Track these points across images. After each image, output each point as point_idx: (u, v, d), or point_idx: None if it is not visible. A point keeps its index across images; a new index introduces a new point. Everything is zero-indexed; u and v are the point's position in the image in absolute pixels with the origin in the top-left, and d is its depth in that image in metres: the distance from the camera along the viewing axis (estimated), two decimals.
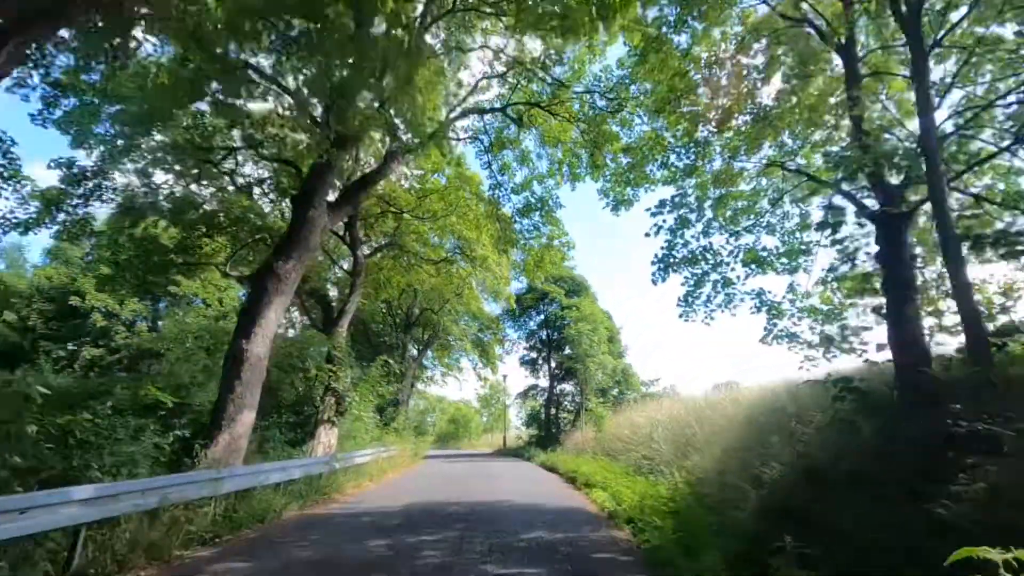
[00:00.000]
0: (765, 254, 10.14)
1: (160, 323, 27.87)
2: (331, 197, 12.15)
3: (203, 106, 11.80)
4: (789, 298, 9.73)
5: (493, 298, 26.48)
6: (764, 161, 10.02)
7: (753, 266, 10.06)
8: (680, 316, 10.53)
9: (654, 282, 10.39)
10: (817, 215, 10.26)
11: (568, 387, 32.95)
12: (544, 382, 35.37)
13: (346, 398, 15.48)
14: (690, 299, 10.23)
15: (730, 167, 10.23)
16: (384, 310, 29.88)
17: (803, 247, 10.06)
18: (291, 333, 22.50)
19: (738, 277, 10.03)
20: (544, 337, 34.66)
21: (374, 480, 13.89)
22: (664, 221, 10.10)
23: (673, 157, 11.18)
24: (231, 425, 8.98)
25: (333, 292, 32.21)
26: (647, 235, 10.13)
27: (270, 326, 9.86)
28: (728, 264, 10.05)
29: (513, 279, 24.33)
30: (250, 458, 11.06)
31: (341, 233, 20.12)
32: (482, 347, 35.27)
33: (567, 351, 29.16)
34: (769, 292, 9.80)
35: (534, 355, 36.13)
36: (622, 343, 32.60)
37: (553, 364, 33.74)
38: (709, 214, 10.48)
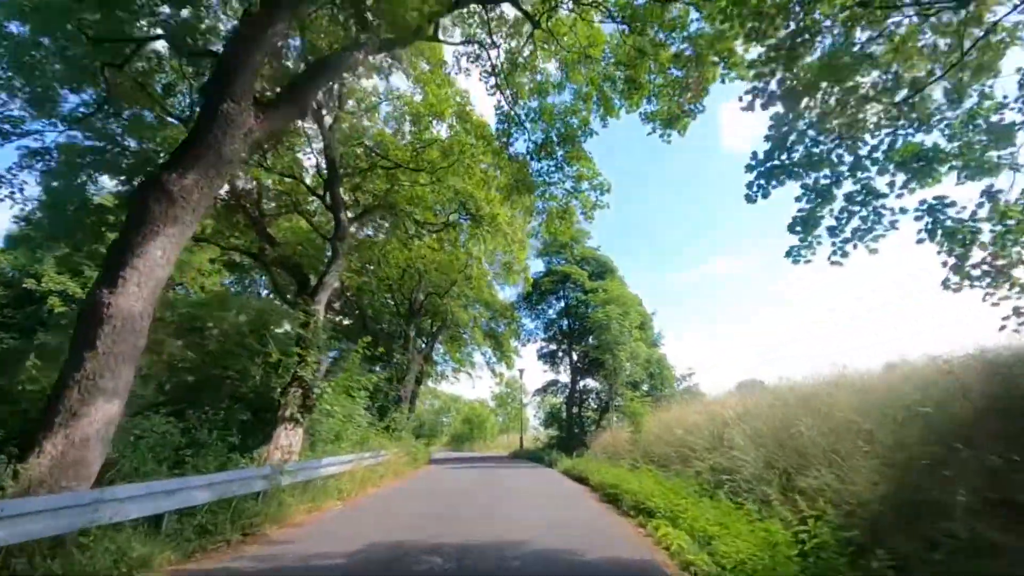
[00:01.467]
0: (929, 150, 6.32)
1: None
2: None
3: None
4: (985, 215, 5.94)
5: (505, 275, 22.89)
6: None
7: (914, 167, 6.25)
8: (789, 255, 6.77)
9: (751, 199, 6.64)
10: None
11: (592, 383, 29.15)
12: (565, 377, 31.67)
13: (315, 390, 12.01)
14: (809, 224, 6.49)
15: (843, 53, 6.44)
16: (389, 300, 26.53)
17: (995, 137, 6.23)
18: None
19: (890, 185, 6.25)
20: (565, 327, 30.92)
21: (345, 498, 10.38)
22: (767, 87, 6.36)
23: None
24: (72, 423, 5.52)
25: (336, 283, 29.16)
26: (743, 109, 6.43)
27: (154, 271, 6.37)
28: (875, 165, 6.26)
29: (531, 246, 20.74)
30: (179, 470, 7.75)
31: (321, 193, 16.84)
32: (495, 339, 31.73)
33: (591, 340, 25.37)
34: (951, 205, 5.99)
35: (553, 347, 32.40)
36: (654, 330, 28.66)
37: (575, 357, 29.99)
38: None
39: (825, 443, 7.02)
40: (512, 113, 12.59)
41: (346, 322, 27.18)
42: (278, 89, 9.21)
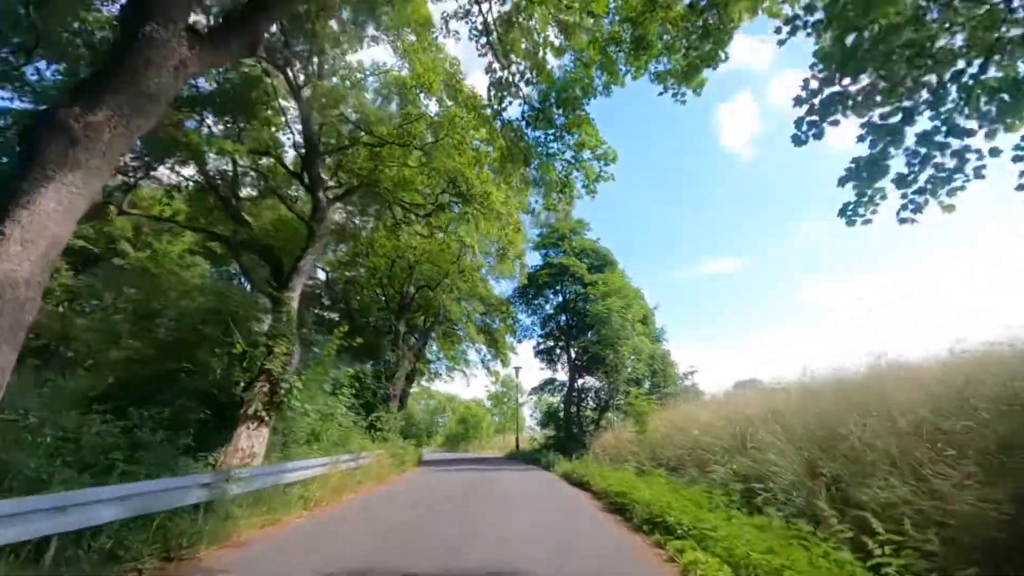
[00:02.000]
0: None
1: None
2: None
3: None
4: None
5: (500, 263, 21.56)
6: None
7: (1004, 100, 4.97)
8: (843, 214, 5.49)
9: (800, 140, 5.35)
10: None
11: (592, 381, 27.81)
12: (563, 375, 30.35)
13: (282, 385, 10.66)
14: (873, 172, 5.21)
15: None
16: (380, 294, 25.11)
17: None
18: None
19: (980, 118, 4.97)
20: (563, 322, 29.60)
21: (312, 508, 9.05)
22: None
23: None
24: None
25: (320, 275, 27.73)
26: (779, 40, 5.21)
27: (47, 227, 4.98)
28: (964, 93, 4.98)
29: (526, 238, 19.36)
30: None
31: (298, 172, 15.53)
32: (490, 335, 30.39)
33: (591, 335, 24.04)
34: None
35: (551, 344, 31.04)
36: (657, 325, 27.36)
37: (574, 354, 28.69)
38: None
39: (885, 446, 5.74)
40: (505, 76, 11.26)
41: (332, 316, 25.86)
42: None
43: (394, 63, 16.89)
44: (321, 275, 26.45)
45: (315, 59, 15.63)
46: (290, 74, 14.76)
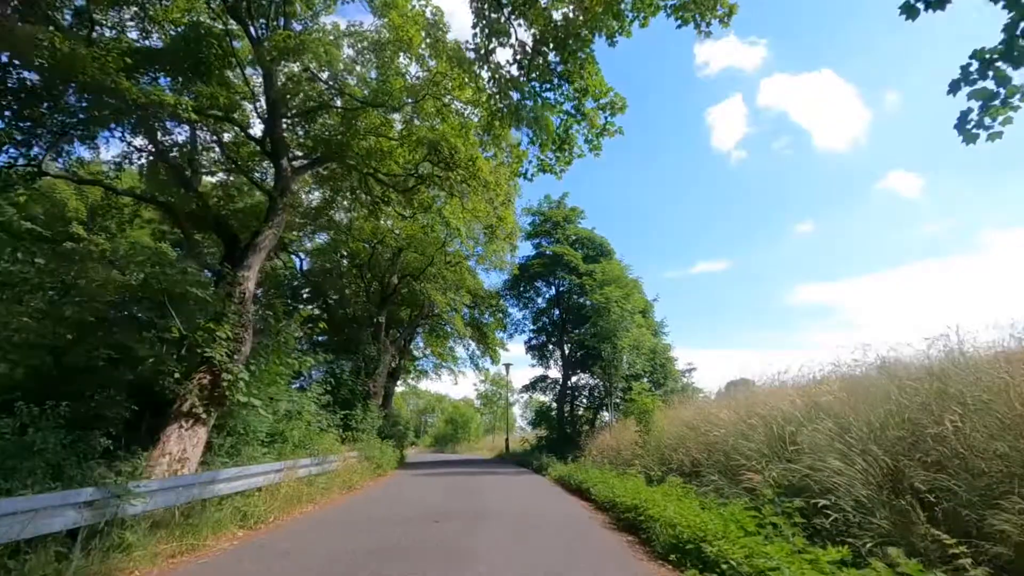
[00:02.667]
0: None
1: None
2: None
3: None
4: None
5: (489, 242, 19.88)
6: None
7: None
8: (963, 126, 3.93)
9: (914, 9, 3.79)
10: None
11: (586, 378, 26.19)
12: (555, 372, 28.77)
13: (225, 376, 8.91)
14: (1022, 55, 3.65)
15: None
16: (360, 282, 23.30)
17: None
18: None
19: None
20: (556, 317, 28.01)
21: (252, 527, 7.29)
22: None
23: None
24: None
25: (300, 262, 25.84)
26: None
27: None
28: None
29: (519, 228, 17.67)
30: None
31: (259, 137, 13.78)
32: (479, 329, 28.74)
33: (587, 328, 22.41)
34: None
35: (543, 339, 29.43)
36: (656, 317, 25.84)
37: (567, 350, 27.11)
38: None
39: (1010, 450, 4.18)
40: (493, 17, 9.60)
41: (309, 308, 24.11)
42: None
43: (372, 23, 15.27)
44: (297, 263, 24.66)
45: (281, 19, 14.01)
46: (252, 29, 13.09)
